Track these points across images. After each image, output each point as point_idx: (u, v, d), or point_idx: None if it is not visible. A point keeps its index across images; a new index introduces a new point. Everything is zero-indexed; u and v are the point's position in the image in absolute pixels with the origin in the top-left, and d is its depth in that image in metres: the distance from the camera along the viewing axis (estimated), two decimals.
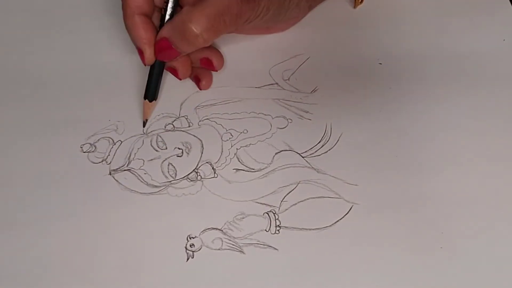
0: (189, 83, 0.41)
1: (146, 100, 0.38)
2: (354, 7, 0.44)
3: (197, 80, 0.40)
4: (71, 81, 0.41)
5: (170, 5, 0.37)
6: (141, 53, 0.37)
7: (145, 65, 0.37)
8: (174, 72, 0.39)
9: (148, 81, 0.38)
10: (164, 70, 0.39)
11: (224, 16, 0.34)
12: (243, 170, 0.36)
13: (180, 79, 0.40)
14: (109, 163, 0.37)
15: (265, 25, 0.40)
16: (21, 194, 0.36)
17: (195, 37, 0.34)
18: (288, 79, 0.41)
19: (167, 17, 0.37)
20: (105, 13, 0.45)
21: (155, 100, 0.39)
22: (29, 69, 0.42)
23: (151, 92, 0.38)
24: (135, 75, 0.41)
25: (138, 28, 0.36)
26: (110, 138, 0.38)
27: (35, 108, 0.40)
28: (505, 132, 0.37)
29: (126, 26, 0.37)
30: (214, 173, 0.36)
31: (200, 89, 0.40)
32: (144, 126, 0.38)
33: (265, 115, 0.39)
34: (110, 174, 0.36)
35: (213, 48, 0.40)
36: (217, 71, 0.40)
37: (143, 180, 0.36)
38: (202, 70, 0.40)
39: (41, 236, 0.34)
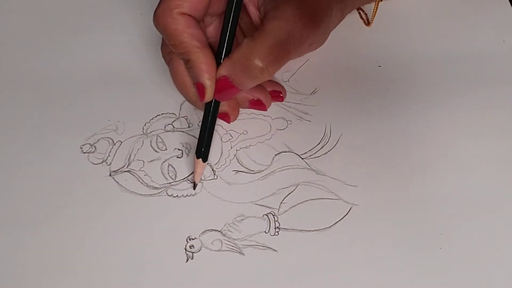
0: None
1: (200, 160, 0.35)
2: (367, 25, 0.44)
3: (257, 105, 0.38)
4: (71, 81, 0.41)
5: (226, 39, 0.33)
6: (201, 89, 0.33)
7: (202, 102, 0.34)
8: (225, 117, 0.37)
9: (200, 137, 0.35)
10: None
11: (287, 44, 0.32)
12: (243, 171, 0.36)
13: (229, 123, 0.37)
14: (109, 164, 0.37)
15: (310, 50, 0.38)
16: (21, 195, 0.36)
17: (260, 72, 0.32)
18: (288, 81, 0.41)
19: (223, 54, 0.33)
20: (107, 14, 0.45)
21: (205, 161, 0.35)
22: (29, 69, 0.42)
23: (204, 152, 0.35)
24: (135, 74, 0.41)
25: (201, 62, 0.33)
26: (110, 138, 0.38)
27: (35, 108, 0.40)
28: (505, 133, 0.37)
29: (187, 60, 0.34)
30: (214, 174, 0.36)
31: (265, 110, 0.38)
32: (194, 189, 0.36)
33: (265, 116, 0.39)
34: (110, 175, 0.36)
35: (258, 86, 0.37)
36: (266, 110, 0.38)
37: (143, 181, 0.36)
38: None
39: (41, 237, 0.34)
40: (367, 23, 0.43)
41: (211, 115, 0.35)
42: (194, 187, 0.35)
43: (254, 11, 0.35)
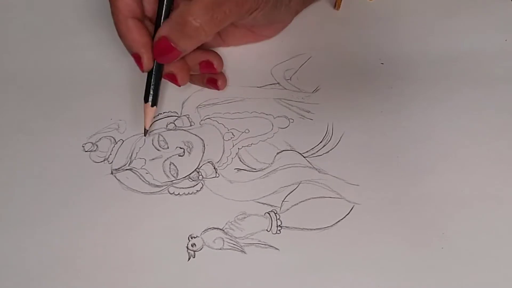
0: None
1: (148, 104, 0.36)
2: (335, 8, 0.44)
3: (212, 83, 0.39)
4: (73, 80, 0.41)
5: (165, 3, 0.35)
6: (138, 58, 0.35)
7: (142, 71, 0.36)
8: (173, 78, 0.38)
9: (147, 85, 0.36)
10: None
11: (224, 6, 0.33)
12: (245, 169, 0.36)
13: (179, 85, 0.38)
14: (111, 163, 0.37)
15: (259, 23, 0.39)
16: (23, 194, 0.36)
17: (195, 30, 0.33)
18: (290, 79, 0.41)
19: (162, 17, 0.35)
20: (107, 13, 0.45)
21: (156, 106, 0.37)
22: (31, 69, 0.42)
23: (152, 97, 0.36)
24: (136, 74, 0.41)
25: (132, 32, 0.35)
26: (111, 137, 0.38)
27: (37, 107, 0.40)
28: (506, 132, 0.37)
29: (119, 32, 0.35)
30: (216, 172, 0.36)
31: (219, 89, 0.39)
32: (145, 135, 0.37)
33: (267, 114, 0.39)
34: (112, 173, 0.36)
35: (210, 50, 0.39)
36: (218, 73, 0.39)
37: (145, 179, 0.36)
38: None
39: (43, 236, 0.34)
40: (335, 6, 0.44)
41: (155, 72, 0.36)
42: (145, 133, 0.37)
43: None
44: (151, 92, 0.36)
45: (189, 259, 0.33)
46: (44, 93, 0.41)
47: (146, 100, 0.36)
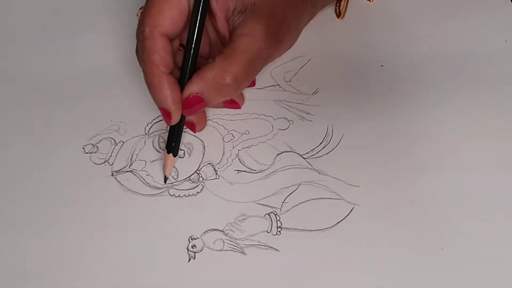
0: None
1: (170, 155, 0.36)
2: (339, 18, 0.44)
3: (232, 103, 0.39)
4: (73, 81, 0.42)
5: (191, 55, 0.34)
6: (167, 113, 0.34)
7: (168, 125, 0.35)
8: (191, 127, 0.38)
9: (170, 134, 0.36)
10: None
11: (256, 62, 0.33)
12: (245, 171, 0.36)
13: (195, 132, 0.38)
14: (111, 164, 0.37)
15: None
16: (23, 195, 0.36)
17: (234, 89, 0.33)
18: (290, 81, 0.41)
19: (188, 72, 0.34)
20: (107, 15, 0.45)
21: (176, 156, 0.36)
22: (31, 70, 0.42)
23: (175, 147, 0.36)
24: (137, 75, 0.41)
25: (166, 89, 0.33)
26: (112, 138, 0.38)
27: (37, 109, 0.40)
28: (506, 133, 0.37)
29: (151, 86, 0.34)
30: (216, 174, 0.36)
31: (240, 108, 0.39)
32: (165, 182, 0.36)
33: (267, 116, 0.39)
34: (112, 175, 0.36)
35: None
36: (240, 108, 0.39)
37: (145, 181, 0.36)
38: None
39: (43, 237, 0.34)
40: (339, 16, 0.44)
41: (180, 125, 0.35)
42: (165, 180, 0.36)
43: (223, 23, 0.35)
44: (173, 143, 0.36)
45: (189, 260, 0.33)
46: (44, 94, 0.41)
47: (169, 151, 0.36)
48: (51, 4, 0.47)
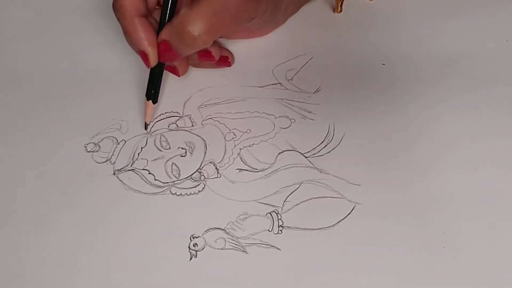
0: (192, 82, 0.41)
1: (150, 101, 0.38)
2: (334, 12, 0.44)
3: (223, 61, 0.40)
4: (75, 80, 0.42)
5: (168, 6, 0.36)
6: (144, 56, 0.36)
7: (149, 67, 0.37)
8: (173, 70, 0.39)
9: (149, 82, 0.38)
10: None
11: (222, 15, 0.33)
12: (246, 170, 0.36)
13: (179, 76, 0.39)
14: (113, 163, 0.37)
15: (256, 27, 0.40)
16: (25, 194, 0.36)
17: (194, 39, 0.34)
18: (291, 79, 0.41)
19: (167, 16, 0.36)
20: (109, 12, 0.45)
21: (157, 102, 0.38)
22: (33, 69, 0.42)
23: (154, 94, 0.38)
24: (138, 74, 0.41)
25: (139, 31, 0.35)
26: (114, 137, 0.38)
27: (39, 108, 0.40)
28: (507, 132, 0.37)
29: (125, 30, 0.36)
30: (217, 173, 0.36)
31: (230, 66, 0.40)
32: (146, 128, 0.38)
33: (268, 115, 0.39)
34: (114, 174, 0.36)
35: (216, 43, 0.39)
36: (216, 61, 0.39)
37: (147, 180, 0.36)
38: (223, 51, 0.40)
39: (45, 236, 0.34)
40: (338, 10, 0.44)
41: (157, 71, 0.37)
42: (145, 127, 0.38)
43: None
44: (153, 90, 0.37)
45: (191, 259, 0.33)
46: (46, 93, 0.41)
47: (148, 97, 0.37)
48: (53, 2, 0.47)
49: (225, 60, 0.40)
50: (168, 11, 0.36)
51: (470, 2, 0.44)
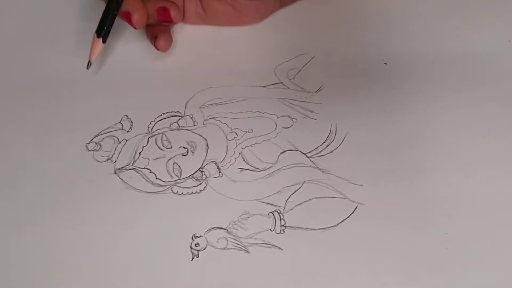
0: (194, 83, 0.41)
1: (100, 39, 0.37)
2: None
3: (154, 38, 0.40)
4: (76, 79, 0.41)
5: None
6: None
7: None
8: (128, 18, 0.38)
9: (102, 18, 0.38)
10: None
11: None
12: (248, 169, 0.36)
13: (135, 28, 0.39)
14: (114, 162, 0.37)
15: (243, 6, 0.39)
16: (26, 193, 0.36)
17: None
18: (293, 78, 0.41)
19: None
20: None
21: (105, 42, 0.38)
22: (33, 68, 0.42)
23: (105, 32, 0.38)
24: (139, 73, 0.41)
25: None
26: (115, 136, 0.38)
27: (40, 107, 0.40)
28: (510, 133, 0.37)
29: None
30: (219, 172, 0.36)
31: (158, 49, 0.39)
32: (87, 68, 0.38)
33: (270, 114, 0.39)
34: (115, 173, 0.36)
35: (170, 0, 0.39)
36: (174, 23, 0.39)
37: (148, 179, 0.36)
38: (160, 28, 0.40)
39: (45, 235, 0.34)
40: None
41: (112, 5, 0.38)
42: (88, 66, 0.38)
43: None
44: (104, 27, 0.38)
45: (192, 258, 0.33)
46: (47, 92, 0.41)
47: (98, 35, 0.38)
48: (53, 3, 0.47)
49: (167, 15, 0.39)
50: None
51: (473, 2, 0.44)
